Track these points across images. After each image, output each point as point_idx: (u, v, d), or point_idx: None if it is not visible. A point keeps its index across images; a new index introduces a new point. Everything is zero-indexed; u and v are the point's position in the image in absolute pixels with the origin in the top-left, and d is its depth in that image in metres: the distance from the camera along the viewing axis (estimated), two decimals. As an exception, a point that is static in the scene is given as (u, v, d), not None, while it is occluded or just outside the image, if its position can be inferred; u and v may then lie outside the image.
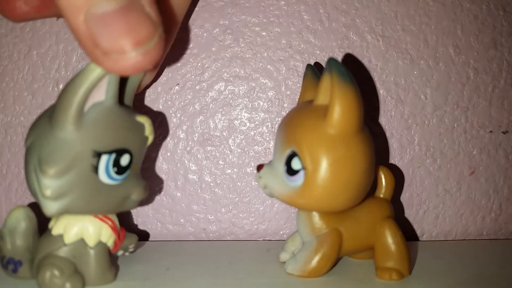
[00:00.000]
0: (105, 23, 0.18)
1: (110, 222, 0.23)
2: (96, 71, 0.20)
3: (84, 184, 0.21)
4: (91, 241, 0.23)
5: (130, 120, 0.23)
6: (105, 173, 0.21)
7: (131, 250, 0.26)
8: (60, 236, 0.23)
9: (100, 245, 0.23)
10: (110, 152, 0.21)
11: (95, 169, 0.21)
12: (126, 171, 0.22)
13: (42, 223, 0.25)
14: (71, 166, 0.21)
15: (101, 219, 0.23)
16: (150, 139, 0.24)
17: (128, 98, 0.25)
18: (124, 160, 0.22)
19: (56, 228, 0.23)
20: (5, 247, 0.24)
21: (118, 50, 0.18)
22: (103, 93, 0.21)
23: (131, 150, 0.22)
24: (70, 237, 0.23)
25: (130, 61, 0.18)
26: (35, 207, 0.24)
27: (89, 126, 0.21)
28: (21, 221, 0.24)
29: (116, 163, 0.22)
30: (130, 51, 0.18)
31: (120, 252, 0.25)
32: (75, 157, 0.21)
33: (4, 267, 0.24)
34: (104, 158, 0.21)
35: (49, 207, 0.21)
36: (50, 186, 0.20)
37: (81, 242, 0.23)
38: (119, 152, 0.22)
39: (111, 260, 0.24)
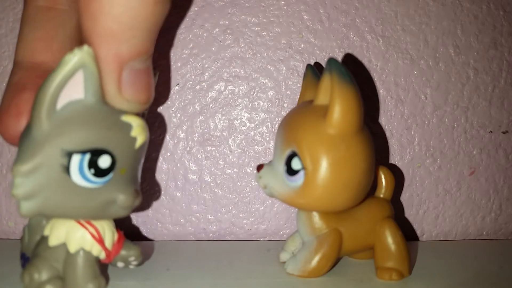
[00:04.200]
0: (137, 78, 0.21)
1: (92, 229, 0.22)
2: (68, 65, 0.19)
3: (55, 184, 0.20)
4: (71, 247, 0.22)
5: (112, 119, 0.21)
6: (80, 175, 0.20)
7: (134, 263, 0.24)
8: (47, 238, 0.22)
9: (83, 252, 0.22)
10: (83, 152, 0.20)
11: (66, 169, 0.20)
12: (108, 174, 0.21)
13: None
14: (39, 165, 0.20)
15: (82, 225, 0.22)
16: (140, 140, 0.22)
17: None
18: (104, 161, 0.21)
19: (45, 229, 0.22)
20: (24, 242, 0.24)
21: (139, 101, 0.21)
22: (82, 91, 0.20)
23: (112, 151, 0.21)
24: (53, 239, 0.22)
25: (139, 110, 0.22)
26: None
27: (61, 123, 0.20)
28: (43, 218, 0.23)
29: (93, 164, 0.20)
30: (144, 104, 0.22)
31: (120, 264, 0.24)
32: (44, 156, 0.20)
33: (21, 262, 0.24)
34: (76, 158, 0.20)
35: (21, 207, 0.20)
36: (20, 184, 0.20)
37: (65, 247, 0.22)
38: (95, 153, 0.20)
39: (100, 270, 0.23)
